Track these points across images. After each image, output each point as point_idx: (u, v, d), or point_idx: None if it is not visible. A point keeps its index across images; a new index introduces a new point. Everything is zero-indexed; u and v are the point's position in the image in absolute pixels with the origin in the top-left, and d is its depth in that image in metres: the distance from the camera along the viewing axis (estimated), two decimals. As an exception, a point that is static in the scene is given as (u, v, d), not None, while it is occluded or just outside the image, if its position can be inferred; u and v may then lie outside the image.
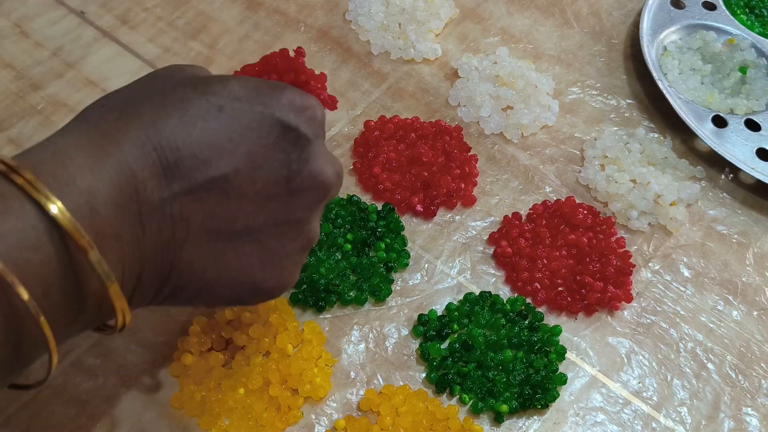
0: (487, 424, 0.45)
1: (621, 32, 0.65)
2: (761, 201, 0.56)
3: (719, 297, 0.51)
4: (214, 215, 0.33)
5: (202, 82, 0.34)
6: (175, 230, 0.32)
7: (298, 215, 0.35)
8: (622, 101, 0.61)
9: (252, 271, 0.35)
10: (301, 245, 0.37)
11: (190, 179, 0.31)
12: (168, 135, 0.31)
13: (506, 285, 0.50)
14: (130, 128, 0.31)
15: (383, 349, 0.47)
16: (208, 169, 0.32)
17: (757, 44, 0.63)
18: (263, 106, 0.33)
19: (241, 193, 0.33)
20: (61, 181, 0.28)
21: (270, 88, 0.34)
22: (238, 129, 0.33)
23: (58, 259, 0.27)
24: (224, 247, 0.34)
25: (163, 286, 0.34)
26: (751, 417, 0.47)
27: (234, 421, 0.43)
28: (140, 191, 0.30)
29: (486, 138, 0.57)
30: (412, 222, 0.52)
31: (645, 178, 0.54)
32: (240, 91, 0.33)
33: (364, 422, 0.43)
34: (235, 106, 0.33)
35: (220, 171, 0.32)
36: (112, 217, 0.29)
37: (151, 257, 0.32)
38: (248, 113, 0.33)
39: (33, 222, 0.27)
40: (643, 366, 0.48)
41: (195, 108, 0.32)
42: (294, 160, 0.34)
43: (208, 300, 0.36)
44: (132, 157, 0.30)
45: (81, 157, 0.29)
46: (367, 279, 0.49)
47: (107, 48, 0.59)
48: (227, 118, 0.32)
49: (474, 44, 0.63)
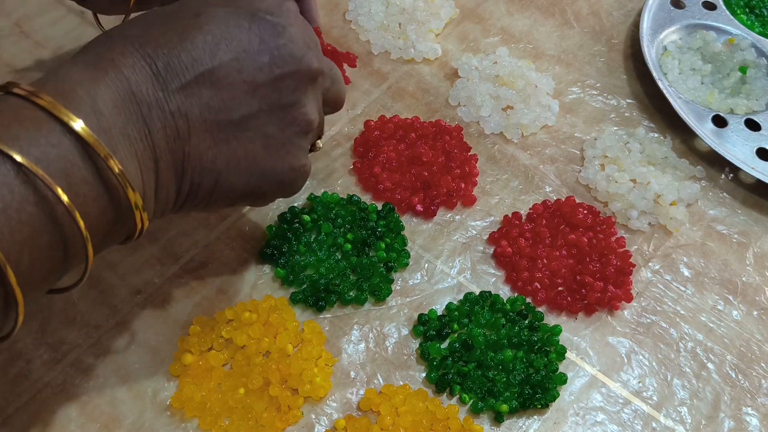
0: (487, 423, 0.45)
1: (621, 32, 0.65)
2: (761, 201, 0.56)
3: (719, 297, 0.51)
4: (210, 107, 0.36)
5: (178, 2, 0.38)
6: (177, 125, 0.35)
7: (288, 99, 0.38)
8: (622, 101, 0.61)
9: (258, 158, 0.38)
10: (298, 128, 0.39)
11: (180, 77, 0.35)
12: (153, 43, 0.35)
13: (506, 285, 0.50)
14: (118, 44, 0.35)
15: (383, 348, 0.47)
16: (195, 66, 0.35)
17: (757, 44, 0.63)
18: (235, 4, 0.37)
19: (230, 83, 0.36)
20: (68, 97, 0.32)
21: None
22: (216, 28, 0.36)
23: (87, 169, 0.31)
24: (227, 137, 0.37)
25: (181, 183, 0.37)
26: (751, 417, 0.47)
27: (234, 421, 0.43)
28: (136, 93, 0.34)
29: (486, 138, 0.57)
30: (412, 222, 0.52)
31: (645, 177, 0.54)
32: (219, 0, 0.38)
33: (364, 422, 0.43)
34: (211, 10, 0.37)
35: (205, 66, 0.36)
36: (116, 117, 0.33)
37: (163, 152, 0.35)
38: (223, 14, 0.37)
39: (61, 138, 0.31)
40: (643, 366, 0.48)
41: (174, 17, 0.36)
42: (273, 47, 0.37)
43: (227, 193, 0.39)
44: (123, 66, 0.34)
45: (79, 73, 0.33)
46: (367, 279, 0.49)
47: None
48: (204, 22, 0.36)
49: (474, 44, 0.63)
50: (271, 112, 0.38)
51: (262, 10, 0.38)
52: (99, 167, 0.32)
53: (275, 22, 0.38)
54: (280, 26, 0.38)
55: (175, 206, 0.38)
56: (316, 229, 0.50)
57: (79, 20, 0.61)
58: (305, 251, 0.49)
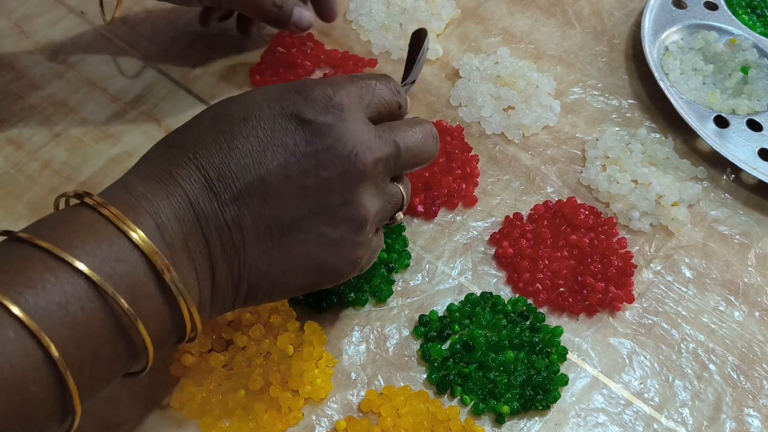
0: (488, 425, 0.45)
1: (622, 32, 0.65)
2: (763, 201, 0.56)
3: (721, 298, 0.51)
4: (262, 215, 0.36)
5: (228, 100, 0.39)
6: (232, 235, 0.36)
7: (338, 199, 0.38)
8: (623, 101, 0.61)
9: (311, 256, 0.38)
10: (352, 225, 0.39)
11: (232, 187, 0.36)
12: (205, 152, 0.36)
13: (507, 286, 0.50)
14: (174, 156, 0.36)
15: (384, 350, 0.47)
16: (244, 175, 0.36)
17: (759, 44, 0.63)
18: (281, 106, 0.37)
19: (278, 189, 0.36)
20: (133, 210, 0.34)
21: (286, 89, 0.38)
22: (262, 134, 0.37)
23: (150, 284, 0.33)
24: (280, 242, 0.37)
25: (239, 287, 0.38)
26: (753, 418, 0.47)
27: (234, 423, 0.43)
28: (194, 205, 0.35)
29: (487, 138, 0.57)
30: (413, 222, 0.52)
31: (646, 178, 0.54)
32: (260, 97, 0.38)
33: (364, 423, 0.43)
34: (257, 113, 0.37)
35: (254, 174, 0.36)
36: (177, 230, 0.34)
37: (218, 260, 0.36)
38: (269, 117, 0.37)
39: (129, 254, 0.32)
40: (645, 367, 0.48)
41: (224, 124, 0.37)
42: (321, 149, 0.37)
43: (285, 290, 0.40)
44: (180, 178, 0.35)
45: (143, 185, 0.35)
46: (368, 280, 0.48)
47: (107, 48, 0.59)
48: (251, 127, 0.37)
49: (475, 44, 0.63)
50: (321, 213, 0.38)
51: (309, 109, 0.37)
52: (161, 281, 0.33)
53: (321, 122, 0.37)
54: (326, 126, 0.37)
55: (234, 305, 0.39)
56: (316, 229, 0.50)
57: (79, 20, 0.61)
58: (306, 252, 0.49)
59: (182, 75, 0.58)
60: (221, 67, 0.59)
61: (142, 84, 0.57)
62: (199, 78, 0.58)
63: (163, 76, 0.58)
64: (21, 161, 0.53)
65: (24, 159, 0.53)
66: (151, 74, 0.58)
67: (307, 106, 0.37)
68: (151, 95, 0.57)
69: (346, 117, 0.38)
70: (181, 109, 0.56)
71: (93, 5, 0.61)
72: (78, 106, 0.56)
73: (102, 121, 0.55)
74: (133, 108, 0.56)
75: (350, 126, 0.38)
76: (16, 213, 0.50)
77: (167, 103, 0.56)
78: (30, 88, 0.56)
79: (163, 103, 0.56)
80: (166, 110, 0.56)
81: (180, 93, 0.57)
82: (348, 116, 0.38)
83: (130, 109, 0.56)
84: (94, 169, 0.53)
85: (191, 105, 0.57)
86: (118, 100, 0.56)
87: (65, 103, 0.56)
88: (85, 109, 0.56)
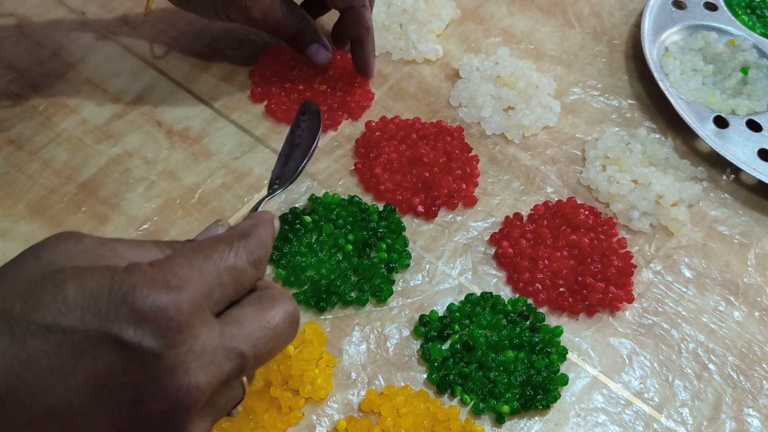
0: (489, 425, 0.45)
1: (622, 33, 0.65)
2: (763, 201, 0.56)
3: (721, 298, 0.51)
4: None
5: (33, 290, 0.29)
6: None
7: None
8: (623, 102, 0.61)
9: None
10: None
11: (22, 413, 0.28)
12: None
13: (507, 286, 0.50)
14: None
15: (384, 349, 0.47)
16: (39, 402, 0.28)
17: (759, 45, 0.63)
18: (99, 320, 0.28)
19: (82, 426, 0.29)
20: None
21: (111, 293, 0.29)
22: (67, 355, 0.28)
23: None
24: None
25: None
26: (753, 418, 0.47)
27: (235, 423, 0.43)
28: None
29: (487, 138, 0.57)
30: (413, 223, 0.52)
31: (646, 178, 0.54)
32: (73, 301, 0.28)
33: (365, 423, 0.43)
34: (65, 324, 0.28)
35: (52, 403, 0.28)
36: None
37: None
38: (80, 332, 0.28)
39: None
40: (645, 367, 0.48)
41: (19, 330, 0.28)
42: (141, 381, 0.29)
43: None
44: None
45: None
46: (368, 280, 0.48)
47: (107, 48, 0.59)
48: (55, 343, 0.28)
49: (475, 45, 0.63)
50: None
51: (133, 330, 0.28)
52: None
53: (146, 349, 0.28)
54: (152, 355, 0.28)
55: None
56: (317, 229, 0.50)
57: (79, 20, 0.61)
58: (306, 252, 0.49)
59: (183, 75, 0.58)
60: (222, 67, 0.59)
61: (142, 84, 0.57)
62: (199, 78, 0.58)
63: (164, 76, 0.58)
64: (21, 161, 0.53)
65: (24, 159, 0.53)
66: (152, 74, 0.58)
67: (132, 324, 0.28)
68: (151, 95, 0.57)
69: (182, 340, 0.29)
70: (181, 110, 0.56)
71: (93, 5, 0.61)
72: (78, 107, 0.56)
73: (102, 121, 0.55)
74: (133, 108, 0.56)
75: (184, 351, 0.29)
76: (16, 213, 0.50)
77: (168, 103, 0.57)
78: (30, 88, 0.56)
79: (164, 103, 0.56)
80: (166, 111, 0.56)
81: (180, 93, 0.57)
82: (184, 336, 0.29)
83: (131, 110, 0.56)
84: (95, 169, 0.53)
85: (192, 105, 0.57)
86: (119, 101, 0.56)
87: (65, 103, 0.56)
88: (86, 110, 0.56)
